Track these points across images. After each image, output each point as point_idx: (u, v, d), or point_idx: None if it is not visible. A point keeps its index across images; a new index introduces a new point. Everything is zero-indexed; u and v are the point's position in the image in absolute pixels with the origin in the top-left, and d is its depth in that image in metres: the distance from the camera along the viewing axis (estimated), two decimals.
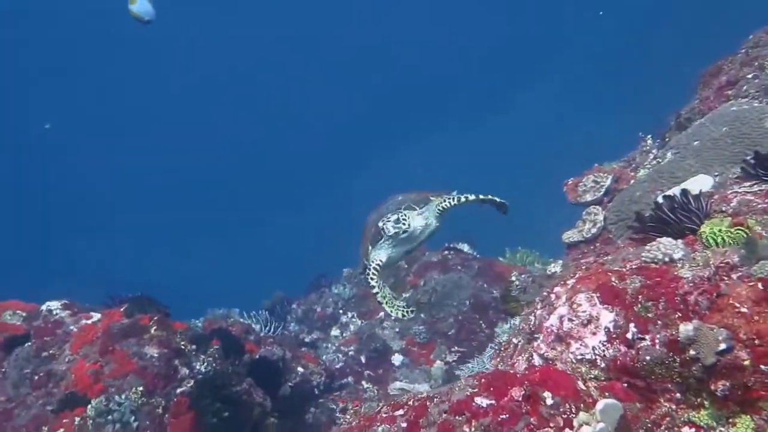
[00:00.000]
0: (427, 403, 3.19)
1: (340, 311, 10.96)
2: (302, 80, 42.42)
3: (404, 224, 5.65)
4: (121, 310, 6.52)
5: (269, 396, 6.76)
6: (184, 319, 6.95)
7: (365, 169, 38.01)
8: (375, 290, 5.70)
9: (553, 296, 3.75)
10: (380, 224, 5.66)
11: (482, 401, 3.04)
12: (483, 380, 3.16)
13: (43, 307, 6.99)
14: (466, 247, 11.36)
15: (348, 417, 4.65)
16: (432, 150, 36.28)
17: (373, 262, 5.76)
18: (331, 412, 7.98)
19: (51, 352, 6.32)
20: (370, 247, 5.87)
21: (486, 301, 9.91)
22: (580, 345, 3.27)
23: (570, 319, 3.38)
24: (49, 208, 37.89)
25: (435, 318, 9.86)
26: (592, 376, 3.19)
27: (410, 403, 3.28)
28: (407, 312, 5.81)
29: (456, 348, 9.54)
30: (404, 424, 3.14)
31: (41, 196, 38.22)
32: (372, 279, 5.70)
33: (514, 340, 4.46)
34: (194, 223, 39.28)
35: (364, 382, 9.09)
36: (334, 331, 10.59)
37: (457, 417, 3.05)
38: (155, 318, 6.12)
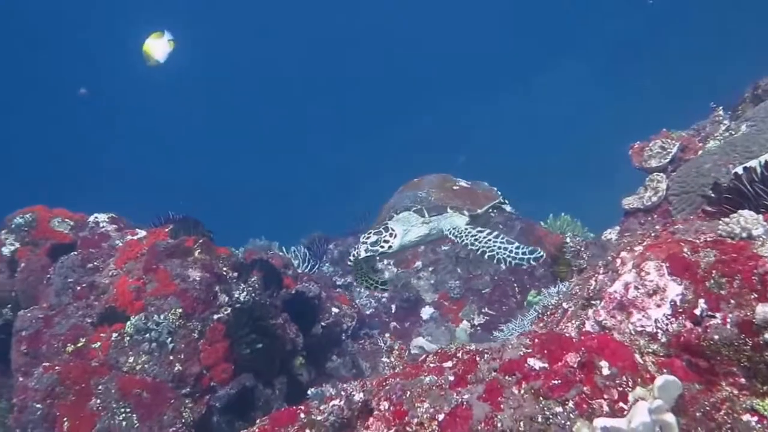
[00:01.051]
0: (477, 358, 3.09)
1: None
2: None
3: (382, 246, 5.13)
4: (167, 230, 6.55)
5: (302, 333, 6.79)
6: (226, 246, 6.94)
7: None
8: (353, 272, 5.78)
9: (618, 261, 3.60)
10: (353, 250, 5.25)
11: (535, 363, 2.94)
12: (537, 341, 3.05)
13: (91, 219, 7.07)
14: (508, 207, 11.17)
15: (392, 359, 4.60)
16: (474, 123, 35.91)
17: (354, 250, 5.32)
18: (354, 360, 8.00)
19: (95, 264, 6.40)
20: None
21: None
22: (642, 316, 3.13)
23: (636, 287, 3.23)
24: (100, 118, 38.36)
25: (471, 274, 9.78)
26: (651, 350, 3.06)
27: (459, 355, 3.19)
28: (378, 286, 5.83)
29: (486, 309, 9.48)
30: (452, 378, 3.05)
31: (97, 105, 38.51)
32: (349, 263, 5.61)
33: (565, 305, 4.34)
34: (246, 145, 39.70)
35: (387, 335, 9.09)
36: None
37: (507, 377, 2.95)
38: (200, 241, 6.13)
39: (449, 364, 3.12)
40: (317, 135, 41.39)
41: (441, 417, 2.86)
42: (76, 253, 6.54)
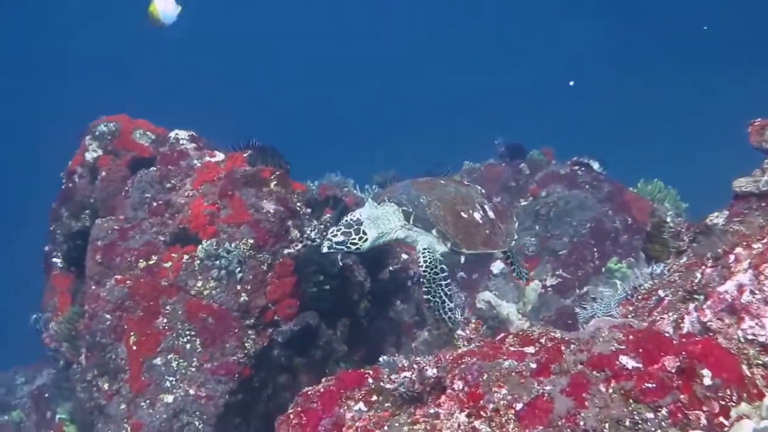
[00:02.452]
0: (562, 348, 2.84)
1: None
2: None
3: (348, 247, 4.72)
4: (245, 155, 6.43)
5: (369, 277, 6.64)
6: (303, 175, 6.79)
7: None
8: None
9: (731, 258, 3.25)
10: (324, 240, 4.79)
11: (628, 362, 2.67)
12: (632, 337, 2.78)
13: (171, 135, 7.01)
14: (596, 165, 10.59)
15: (467, 332, 4.39)
16: None
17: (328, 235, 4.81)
18: (418, 307, 7.84)
19: (172, 182, 6.36)
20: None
21: (607, 229, 9.33)
22: (756, 323, 2.80)
23: (752, 291, 2.89)
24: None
25: (549, 234, 9.42)
26: (761, 363, 2.73)
27: (542, 341, 2.95)
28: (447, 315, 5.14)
29: (561, 271, 9.14)
30: (534, 365, 2.81)
31: None
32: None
33: (661, 293, 3.99)
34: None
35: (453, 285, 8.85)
36: None
37: (594, 372, 2.69)
38: (277, 173, 5.98)
39: (531, 349, 2.89)
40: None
41: (519, 406, 2.65)
42: (155, 168, 6.51)
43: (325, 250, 4.75)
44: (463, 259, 4.90)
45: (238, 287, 5.55)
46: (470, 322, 4.40)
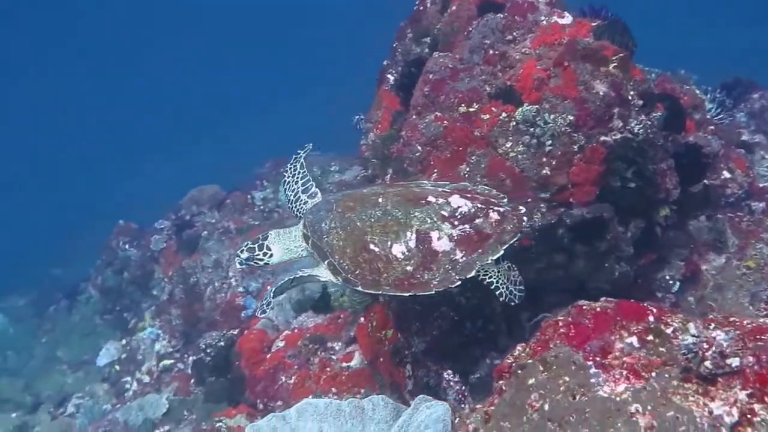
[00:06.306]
0: None
1: None
2: None
3: (257, 263, 4.93)
4: (593, 24, 6.08)
5: (680, 186, 6.18)
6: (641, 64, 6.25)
7: None
8: None
9: None
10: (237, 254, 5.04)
11: None
12: None
13: None
14: None
15: None
16: None
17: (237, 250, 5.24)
18: (721, 228, 7.13)
19: (514, 34, 6.32)
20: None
21: None
22: None
23: None
24: None
25: None
26: None
27: None
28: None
29: None
30: None
31: None
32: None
33: None
34: None
35: None
36: None
37: None
38: (620, 54, 5.61)
39: None
40: None
41: None
42: (501, 16, 6.48)
43: (237, 266, 5.12)
44: None
45: (544, 159, 5.55)
46: None
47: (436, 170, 5.86)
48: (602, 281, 5.92)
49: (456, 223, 4.56)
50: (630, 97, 5.65)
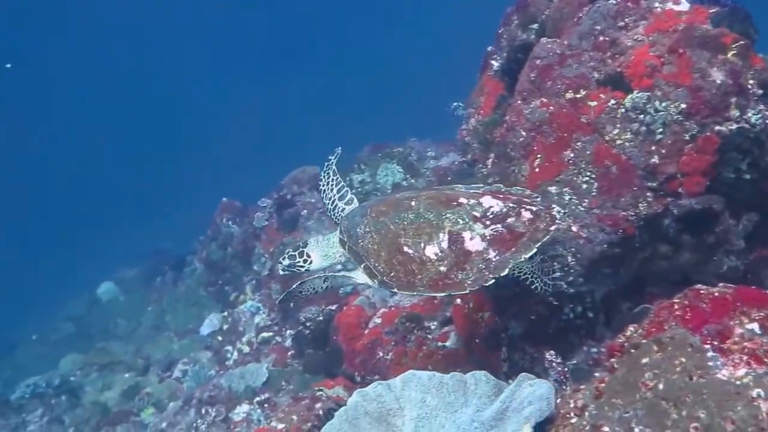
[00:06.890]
0: None
1: None
2: None
3: (298, 270, 5.05)
4: (711, 11, 5.91)
5: None
6: None
7: None
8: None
9: None
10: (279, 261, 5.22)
11: None
12: None
13: None
14: None
15: None
16: None
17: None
18: None
19: (626, 21, 6.20)
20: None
21: None
22: None
23: None
24: None
25: None
26: None
27: None
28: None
29: None
30: None
31: None
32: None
33: None
34: None
35: None
36: None
37: None
38: (740, 42, 5.44)
39: None
40: None
41: None
42: (614, 2, 6.38)
43: (279, 272, 5.21)
44: None
45: (653, 148, 5.48)
46: None
47: (539, 155, 5.90)
48: (709, 274, 5.78)
49: (488, 222, 4.55)
50: (749, 86, 5.47)
